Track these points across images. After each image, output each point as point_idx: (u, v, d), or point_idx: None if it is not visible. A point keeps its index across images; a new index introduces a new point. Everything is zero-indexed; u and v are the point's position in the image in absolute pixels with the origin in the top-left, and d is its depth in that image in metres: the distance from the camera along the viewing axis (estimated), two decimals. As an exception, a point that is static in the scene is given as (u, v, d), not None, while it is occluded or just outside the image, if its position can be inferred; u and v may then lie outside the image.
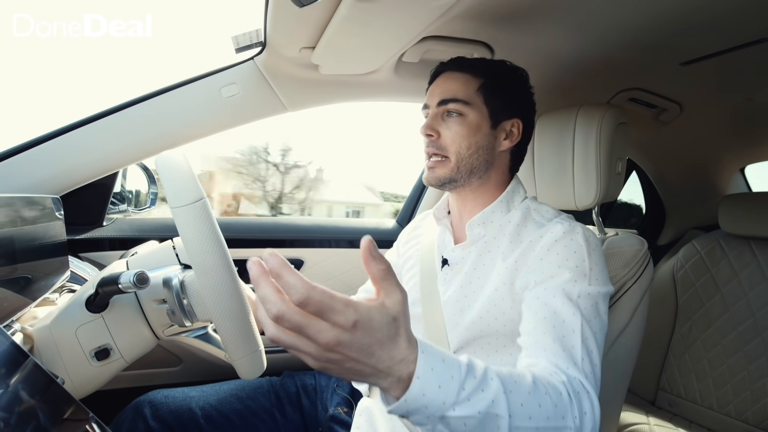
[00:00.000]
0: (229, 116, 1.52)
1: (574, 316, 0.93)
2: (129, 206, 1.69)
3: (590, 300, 0.97)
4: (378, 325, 0.60)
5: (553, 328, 0.92)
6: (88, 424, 0.67)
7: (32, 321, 1.01)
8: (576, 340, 0.90)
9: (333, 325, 0.57)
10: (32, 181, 1.35)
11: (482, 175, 1.17)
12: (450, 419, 0.67)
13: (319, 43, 1.26)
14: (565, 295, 0.95)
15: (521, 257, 1.07)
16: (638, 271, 1.24)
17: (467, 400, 0.67)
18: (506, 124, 1.17)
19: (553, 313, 0.94)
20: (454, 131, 1.14)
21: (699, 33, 1.24)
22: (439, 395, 0.65)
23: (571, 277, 0.98)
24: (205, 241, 0.87)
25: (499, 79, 1.17)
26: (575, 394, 0.81)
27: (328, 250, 1.97)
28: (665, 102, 1.75)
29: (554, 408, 0.76)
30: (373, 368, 0.61)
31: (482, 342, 1.11)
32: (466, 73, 1.16)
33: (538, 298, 0.97)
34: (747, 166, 2.49)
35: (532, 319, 0.96)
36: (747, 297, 1.85)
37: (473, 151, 1.14)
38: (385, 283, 0.63)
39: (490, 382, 0.71)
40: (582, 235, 1.04)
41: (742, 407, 1.79)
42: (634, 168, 2.54)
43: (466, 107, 1.14)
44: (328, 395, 1.34)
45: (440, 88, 1.17)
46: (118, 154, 1.45)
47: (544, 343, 0.91)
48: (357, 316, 0.57)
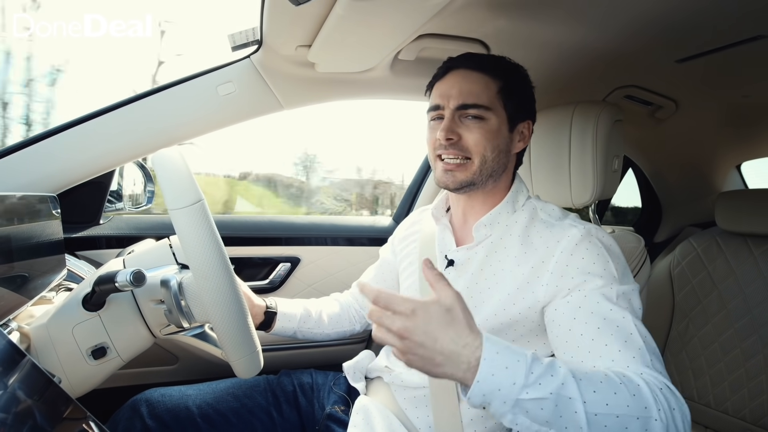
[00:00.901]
0: (226, 114, 1.52)
1: (624, 319, 0.92)
2: (126, 204, 1.69)
3: (626, 298, 0.96)
4: (435, 313, 0.75)
5: (612, 336, 0.91)
6: (84, 423, 0.67)
7: (29, 319, 1.01)
8: (638, 341, 0.90)
9: (396, 313, 0.75)
10: (29, 179, 1.35)
11: (497, 177, 1.16)
12: (525, 402, 0.73)
13: (316, 41, 1.25)
14: (607, 299, 0.94)
15: (540, 263, 1.05)
16: (635, 269, 1.25)
17: (537, 383, 0.74)
18: (521, 127, 1.17)
19: (604, 321, 0.92)
20: (477, 134, 1.11)
21: (694, 30, 1.24)
22: (508, 376, 0.73)
23: (604, 282, 0.97)
24: (204, 243, 0.87)
25: (515, 82, 1.16)
26: (659, 390, 0.81)
27: (324, 248, 1.97)
28: (661, 99, 1.76)
29: (632, 397, 0.78)
30: (441, 354, 0.74)
31: None
32: (485, 74, 1.13)
33: (581, 308, 0.96)
34: (743, 163, 2.49)
35: (585, 331, 0.93)
36: (744, 294, 1.85)
37: (495, 154, 1.12)
38: (439, 285, 0.79)
39: (558, 369, 0.77)
40: (596, 236, 1.04)
41: (740, 404, 1.80)
42: (630, 165, 2.54)
43: (488, 112, 1.11)
44: (325, 393, 1.34)
45: (458, 89, 1.12)
46: (115, 153, 1.44)
47: (611, 353, 0.89)
48: (414, 305, 0.75)
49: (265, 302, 1.35)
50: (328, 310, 1.46)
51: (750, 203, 1.87)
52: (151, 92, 1.45)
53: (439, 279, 0.80)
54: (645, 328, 0.93)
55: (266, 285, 1.86)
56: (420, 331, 0.74)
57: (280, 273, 1.88)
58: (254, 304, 1.32)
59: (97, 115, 1.41)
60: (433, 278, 0.80)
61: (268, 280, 1.87)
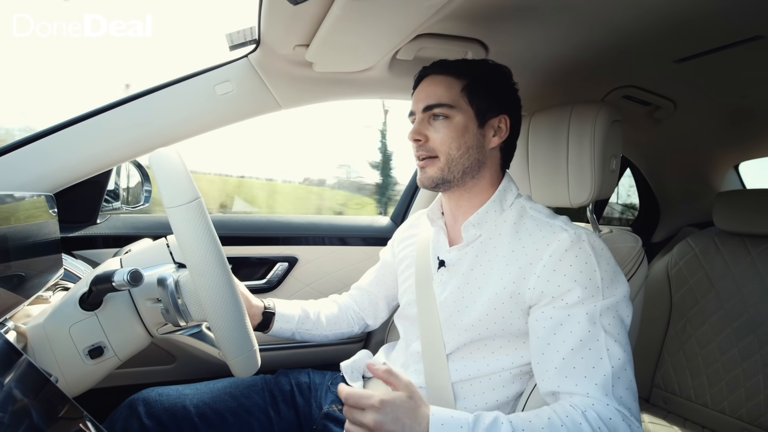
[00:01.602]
0: (223, 114, 1.51)
1: (599, 343, 0.96)
2: (123, 204, 1.68)
3: (611, 312, 0.99)
4: (400, 402, 0.87)
5: (582, 359, 0.95)
6: (81, 423, 0.67)
7: (26, 319, 1.01)
8: (606, 367, 0.94)
9: (366, 408, 0.87)
10: (25, 178, 1.35)
11: (475, 174, 1.18)
12: None
13: (314, 41, 1.25)
14: (589, 319, 0.98)
15: (528, 265, 1.06)
16: (632, 269, 1.25)
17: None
18: (494, 122, 1.18)
19: (579, 342, 0.96)
20: (442, 133, 1.15)
21: (693, 30, 1.24)
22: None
23: (587, 294, 0.99)
24: (201, 241, 0.87)
25: (481, 79, 1.18)
26: (604, 422, 0.88)
27: (321, 247, 1.97)
28: (659, 99, 1.76)
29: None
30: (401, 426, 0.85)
31: (479, 344, 1.11)
32: (449, 76, 1.17)
33: (562, 325, 0.99)
34: (741, 163, 2.50)
35: (561, 349, 0.98)
36: (741, 294, 1.85)
37: (463, 151, 1.15)
38: (392, 378, 0.92)
39: (501, 426, 0.87)
40: (588, 242, 1.05)
41: (737, 404, 1.80)
42: (628, 165, 2.54)
43: (452, 110, 1.15)
44: (322, 393, 1.35)
45: (424, 93, 1.18)
46: (112, 152, 1.44)
47: (576, 376, 0.95)
48: (381, 397, 0.87)
49: (263, 303, 1.35)
50: (326, 312, 1.46)
51: (748, 203, 1.88)
52: (148, 91, 1.45)
53: (390, 373, 0.93)
54: (623, 343, 0.98)
55: (263, 285, 1.86)
56: (389, 420, 0.85)
57: (277, 273, 1.88)
58: (252, 305, 1.32)
59: (93, 115, 1.40)
60: (384, 374, 0.93)
61: (265, 280, 1.86)
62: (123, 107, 1.42)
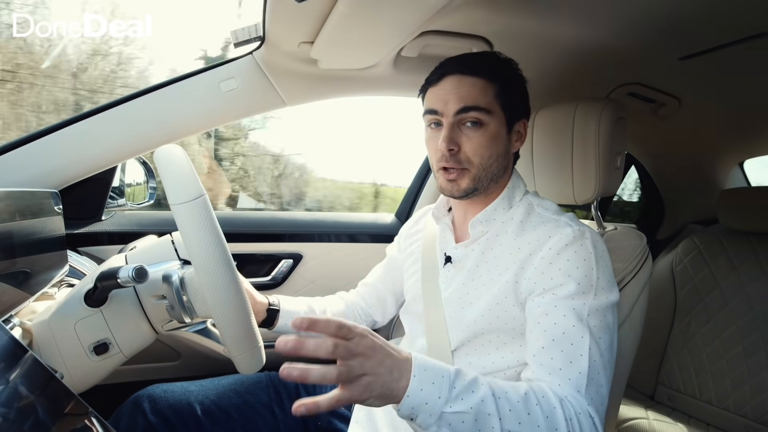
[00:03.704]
0: (228, 110, 1.52)
1: (582, 339, 0.95)
2: (128, 200, 1.69)
3: (599, 315, 0.99)
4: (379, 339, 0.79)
5: (561, 352, 0.95)
6: (87, 419, 0.67)
7: (31, 315, 1.01)
8: (583, 365, 0.93)
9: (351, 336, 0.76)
10: (31, 175, 1.35)
11: (498, 180, 1.16)
12: (448, 416, 0.79)
13: (318, 38, 1.25)
14: (576, 315, 0.97)
15: (528, 256, 1.06)
16: (637, 266, 1.24)
17: (460, 398, 0.80)
18: (518, 126, 1.16)
19: (562, 335, 0.96)
20: (476, 143, 1.08)
21: (698, 27, 1.24)
22: (434, 390, 0.79)
23: (579, 290, 0.98)
24: (206, 238, 0.87)
25: (511, 82, 1.14)
26: (576, 414, 0.87)
27: (327, 244, 1.97)
28: (664, 97, 1.75)
29: (545, 419, 0.84)
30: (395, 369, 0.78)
31: (483, 340, 1.11)
32: (481, 78, 1.09)
33: (547, 315, 0.99)
34: (746, 160, 2.49)
35: (541, 337, 0.98)
36: (746, 291, 1.85)
37: (494, 159, 1.11)
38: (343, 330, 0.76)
39: (480, 386, 0.84)
40: (590, 240, 1.04)
41: (741, 402, 1.80)
42: (632, 162, 2.54)
43: (488, 116, 1.08)
44: (327, 389, 1.34)
45: (456, 93, 1.08)
46: (117, 149, 1.45)
47: (551, 367, 0.94)
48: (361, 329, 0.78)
49: (267, 299, 1.35)
50: (332, 308, 1.46)
51: (753, 201, 1.87)
52: (153, 88, 1.45)
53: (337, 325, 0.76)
54: (603, 348, 0.97)
55: (268, 281, 1.86)
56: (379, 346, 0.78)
57: (282, 269, 1.88)
58: (257, 302, 1.31)
59: (98, 112, 1.41)
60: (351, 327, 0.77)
61: (270, 277, 1.86)
62: (128, 104, 1.42)
